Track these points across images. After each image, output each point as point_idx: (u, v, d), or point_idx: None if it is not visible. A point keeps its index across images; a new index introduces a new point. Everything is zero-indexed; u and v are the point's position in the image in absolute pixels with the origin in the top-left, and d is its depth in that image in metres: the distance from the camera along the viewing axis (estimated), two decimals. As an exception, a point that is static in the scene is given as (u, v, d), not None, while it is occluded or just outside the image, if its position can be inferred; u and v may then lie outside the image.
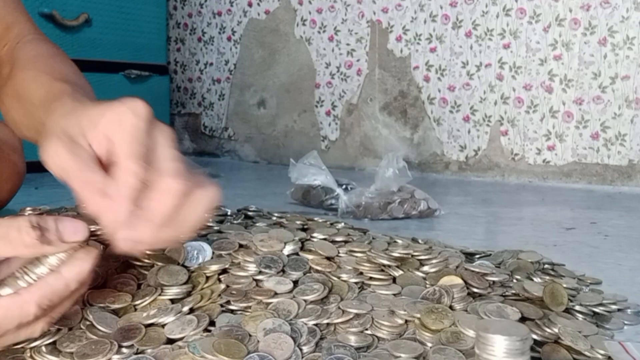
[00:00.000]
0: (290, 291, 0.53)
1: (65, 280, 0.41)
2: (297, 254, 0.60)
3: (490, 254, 0.75)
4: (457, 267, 0.60)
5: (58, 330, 0.46)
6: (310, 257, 0.59)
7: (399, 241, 0.69)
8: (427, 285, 0.56)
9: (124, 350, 0.45)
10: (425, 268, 0.60)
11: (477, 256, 0.75)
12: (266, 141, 2.26)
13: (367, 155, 2.06)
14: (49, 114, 0.51)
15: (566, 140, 1.74)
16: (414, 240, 0.78)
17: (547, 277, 0.66)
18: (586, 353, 0.47)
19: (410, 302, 0.51)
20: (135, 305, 0.51)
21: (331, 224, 0.75)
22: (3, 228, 0.39)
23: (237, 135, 2.33)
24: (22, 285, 0.41)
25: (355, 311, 0.50)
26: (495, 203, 1.44)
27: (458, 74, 1.89)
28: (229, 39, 2.31)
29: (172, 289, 0.52)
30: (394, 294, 0.54)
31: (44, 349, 0.44)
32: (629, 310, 0.62)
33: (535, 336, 0.48)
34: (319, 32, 2.12)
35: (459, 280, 0.56)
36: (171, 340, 0.46)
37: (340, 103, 2.10)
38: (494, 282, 0.59)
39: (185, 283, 0.53)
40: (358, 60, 2.05)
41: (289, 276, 0.56)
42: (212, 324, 0.49)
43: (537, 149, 1.79)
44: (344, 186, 1.21)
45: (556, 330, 0.49)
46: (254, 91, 2.27)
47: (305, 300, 0.52)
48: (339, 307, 0.51)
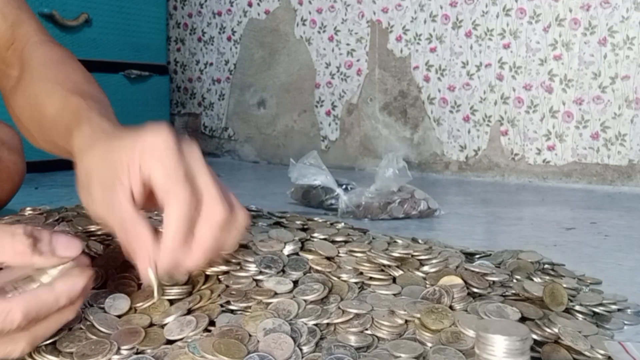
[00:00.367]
0: (290, 291, 0.53)
1: (56, 294, 0.40)
2: (297, 254, 0.60)
3: (490, 254, 0.75)
4: (457, 267, 0.60)
5: (58, 330, 0.46)
6: (310, 257, 0.59)
7: (399, 241, 0.69)
8: (427, 285, 0.56)
9: (124, 351, 0.45)
10: (425, 268, 0.60)
11: (477, 256, 0.75)
12: (266, 141, 2.26)
13: (367, 155, 2.06)
14: (69, 139, 0.52)
15: (566, 140, 1.74)
16: (414, 240, 0.78)
17: (547, 277, 0.66)
18: (586, 353, 0.47)
19: (410, 302, 0.51)
20: (135, 307, 0.50)
21: (331, 224, 0.75)
22: None
23: (237, 135, 2.33)
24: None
25: (355, 311, 0.50)
26: (495, 203, 1.44)
27: (458, 74, 1.89)
28: (229, 39, 2.31)
29: (172, 289, 0.52)
30: (394, 294, 0.54)
31: (43, 348, 0.44)
32: (629, 310, 0.62)
33: (535, 336, 0.48)
34: (319, 32, 2.12)
35: (459, 280, 0.56)
36: (171, 341, 0.46)
37: (340, 103, 2.10)
38: (494, 282, 0.59)
39: (186, 284, 0.53)
40: (358, 60, 2.05)
41: (289, 276, 0.56)
42: (212, 324, 0.49)
43: (537, 149, 1.79)
44: (344, 186, 1.21)
45: (556, 330, 0.49)
46: (254, 91, 2.27)
47: (305, 300, 0.52)
48: (339, 307, 0.51)
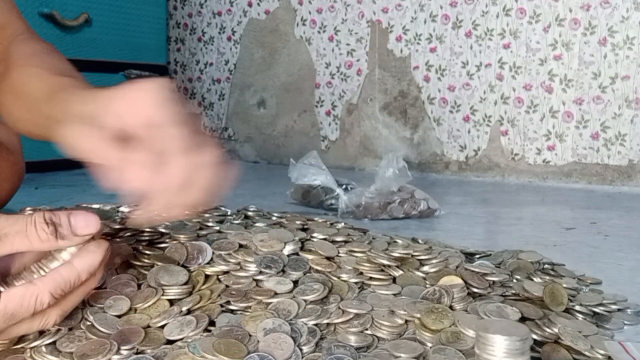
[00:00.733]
0: (290, 291, 0.53)
1: (77, 270, 0.43)
2: (297, 254, 0.60)
3: (490, 254, 0.75)
4: (457, 267, 0.60)
5: (58, 330, 0.46)
6: (310, 257, 0.59)
7: (399, 241, 0.69)
8: (427, 285, 0.56)
9: (124, 351, 0.45)
10: (425, 268, 0.60)
11: (477, 256, 0.75)
12: (266, 141, 2.26)
13: (367, 155, 2.06)
14: (54, 105, 0.55)
15: (566, 140, 1.74)
16: (414, 240, 0.78)
17: (547, 277, 0.66)
18: (586, 353, 0.47)
19: (410, 302, 0.51)
20: (135, 308, 0.50)
21: (331, 224, 0.75)
22: (20, 224, 0.41)
23: (237, 135, 2.33)
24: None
25: (355, 311, 0.50)
26: (495, 203, 1.44)
27: (458, 74, 1.89)
28: (229, 39, 2.31)
29: (172, 289, 0.52)
30: (394, 294, 0.54)
31: (43, 349, 0.45)
32: (629, 310, 0.61)
33: (535, 336, 0.48)
34: (319, 32, 2.12)
35: (459, 280, 0.56)
36: (171, 341, 0.46)
37: (340, 103, 2.10)
38: (494, 282, 0.59)
39: (186, 283, 0.53)
40: (358, 60, 2.05)
41: (289, 276, 0.56)
42: (212, 324, 0.49)
43: (537, 149, 1.79)
44: (344, 186, 1.21)
45: (556, 330, 0.49)
46: (254, 91, 2.27)
47: (305, 300, 0.52)
48: (339, 307, 0.51)
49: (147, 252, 0.57)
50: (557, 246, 0.95)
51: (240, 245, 0.60)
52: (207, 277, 0.55)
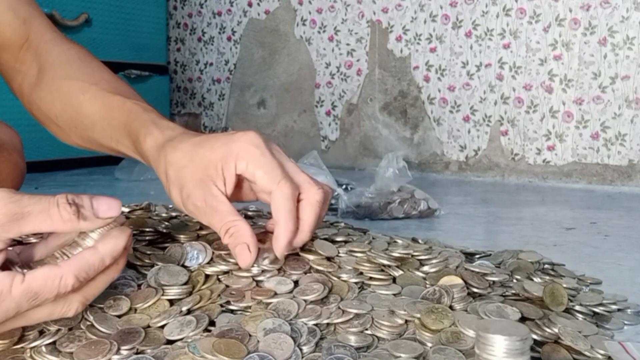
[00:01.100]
0: (290, 291, 0.53)
1: (101, 255, 0.43)
2: (297, 254, 0.60)
3: (490, 254, 0.75)
4: (457, 267, 0.60)
5: (58, 330, 0.46)
6: (310, 257, 0.59)
7: (399, 241, 0.69)
8: (427, 285, 0.56)
9: (124, 351, 0.45)
10: (425, 268, 0.60)
11: (477, 256, 0.75)
12: (266, 141, 2.26)
13: (367, 155, 2.06)
14: (128, 134, 0.60)
15: (566, 140, 1.74)
16: (414, 240, 0.78)
17: (547, 277, 0.66)
18: (586, 353, 0.47)
19: (410, 302, 0.51)
20: (135, 308, 0.50)
21: (331, 224, 0.75)
22: (43, 203, 0.41)
23: (237, 135, 2.33)
24: None
25: (355, 311, 0.50)
26: (495, 203, 1.44)
27: (458, 74, 1.89)
28: (229, 39, 2.31)
29: (172, 289, 0.52)
30: (394, 294, 0.54)
31: (44, 349, 0.44)
32: (629, 310, 0.61)
33: (535, 336, 0.48)
34: (319, 32, 2.12)
35: (459, 280, 0.56)
36: (171, 341, 0.46)
37: (340, 103, 2.10)
38: (494, 282, 0.59)
39: (186, 283, 0.53)
40: (358, 60, 2.05)
41: (289, 276, 0.56)
42: (212, 324, 0.49)
43: (537, 149, 1.79)
44: (344, 186, 1.21)
45: (556, 330, 0.49)
46: (254, 91, 2.27)
47: (305, 300, 0.52)
48: (339, 307, 0.51)
49: (147, 252, 0.57)
50: (557, 246, 0.95)
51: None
52: (207, 277, 0.55)
